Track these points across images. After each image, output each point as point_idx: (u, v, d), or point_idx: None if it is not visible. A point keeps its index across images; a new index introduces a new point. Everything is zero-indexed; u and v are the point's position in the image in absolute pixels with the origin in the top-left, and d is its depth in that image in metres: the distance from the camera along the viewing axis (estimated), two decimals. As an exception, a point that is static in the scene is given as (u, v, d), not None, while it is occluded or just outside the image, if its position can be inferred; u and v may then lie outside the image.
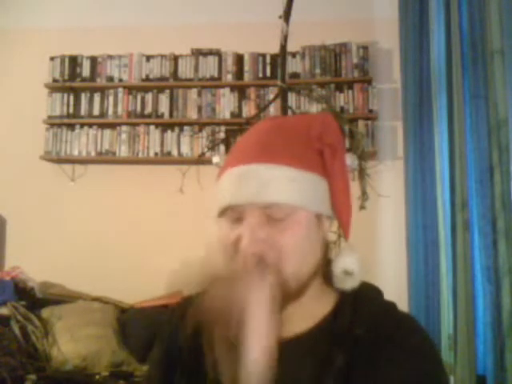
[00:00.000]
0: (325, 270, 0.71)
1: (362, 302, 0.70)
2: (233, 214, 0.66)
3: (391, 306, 0.72)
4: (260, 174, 0.64)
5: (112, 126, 3.08)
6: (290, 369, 0.66)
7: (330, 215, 0.70)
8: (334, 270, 0.69)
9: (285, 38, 1.99)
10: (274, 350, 0.59)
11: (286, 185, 0.64)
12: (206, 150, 2.67)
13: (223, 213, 0.67)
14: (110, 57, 3.14)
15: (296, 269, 0.65)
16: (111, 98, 3.10)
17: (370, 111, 2.92)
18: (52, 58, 3.15)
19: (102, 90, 3.11)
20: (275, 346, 0.59)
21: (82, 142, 3.08)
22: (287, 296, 0.65)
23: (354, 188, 1.96)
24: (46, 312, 2.56)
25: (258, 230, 0.64)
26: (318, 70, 3.01)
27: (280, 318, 0.63)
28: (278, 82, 2.07)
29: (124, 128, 3.06)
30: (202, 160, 2.44)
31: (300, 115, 0.81)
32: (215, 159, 2.26)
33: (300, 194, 0.65)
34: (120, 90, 3.10)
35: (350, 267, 0.68)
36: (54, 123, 3.11)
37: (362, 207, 1.89)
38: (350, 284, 0.69)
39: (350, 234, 0.73)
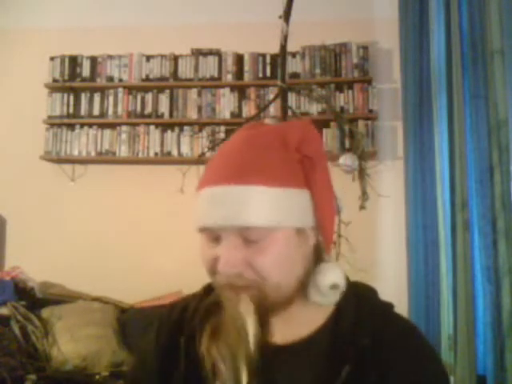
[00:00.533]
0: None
1: (363, 305, 0.69)
2: (209, 234, 0.66)
3: (389, 307, 0.72)
4: (233, 197, 0.62)
5: (112, 125, 3.08)
6: (291, 375, 0.66)
7: (313, 225, 0.67)
8: (319, 286, 0.66)
9: (285, 38, 1.99)
10: (258, 359, 0.61)
11: (261, 206, 0.62)
12: (206, 150, 2.67)
13: (201, 231, 0.67)
14: (110, 57, 3.14)
15: (276, 286, 0.64)
16: (111, 98, 3.10)
17: (370, 111, 2.92)
18: (52, 58, 3.15)
19: (102, 90, 3.11)
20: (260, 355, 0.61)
21: (82, 141, 3.08)
22: (270, 308, 0.65)
23: (354, 188, 1.96)
24: (45, 312, 2.56)
25: (235, 253, 0.63)
26: (318, 70, 3.01)
27: (267, 329, 0.64)
28: (278, 82, 2.07)
29: (124, 128, 3.06)
30: (202, 160, 2.43)
31: (278, 124, 0.78)
32: (215, 159, 2.25)
33: (276, 214, 0.63)
34: (120, 89, 3.09)
35: (336, 281, 0.66)
36: (54, 123, 3.10)
37: (362, 207, 1.88)
38: (334, 299, 0.68)
39: (350, 234, 0.72)
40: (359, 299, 0.69)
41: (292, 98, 2.91)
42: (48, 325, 2.48)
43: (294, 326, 0.69)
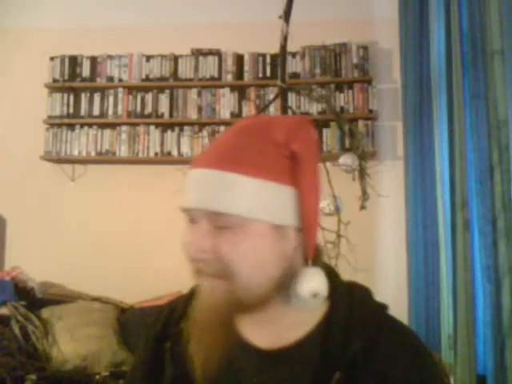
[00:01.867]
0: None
1: (356, 307, 0.66)
2: (188, 215, 0.65)
3: (383, 309, 0.69)
4: (209, 181, 0.61)
5: (112, 125, 3.08)
6: (277, 383, 0.65)
7: (297, 225, 0.64)
8: (297, 293, 0.64)
9: (285, 38, 1.99)
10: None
11: (236, 194, 0.60)
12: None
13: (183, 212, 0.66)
14: (110, 57, 3.14)
15: (245, 282, 0.61)
16: (111, 98, 3.10)
17: (370, 111, 2.92)
18: (52, 58, 3.15)
19: (102, 90, 3.11)
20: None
21: (82, 141, 3.08)
22: (241, 307, 0.63)
23: (354, 188, 1.96)
24: (46, 312, 2.56)
25: (203, 238, 0.62)
26: (318, 70, 3.01)
27: (232, 327, 0.65)
28: (278, 82, 2.07)
29: (124, 128, 3.06)
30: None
31: (277, 117, 0.75)
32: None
33: (252, 204, 0.61)
34: (120, 90, 3.09)
35: (316, 289, 0.63)
36: (53, 123, 3.10)
37: (362, 207, 1.89)
38: (315, 305, 0.65)
39: (350, 234, 0.72)
40: (352, 300, 0.67)
41: (292, 98, 2.92)
42: (48, 325, 2.48)
43: (281, 330, 0.67)
